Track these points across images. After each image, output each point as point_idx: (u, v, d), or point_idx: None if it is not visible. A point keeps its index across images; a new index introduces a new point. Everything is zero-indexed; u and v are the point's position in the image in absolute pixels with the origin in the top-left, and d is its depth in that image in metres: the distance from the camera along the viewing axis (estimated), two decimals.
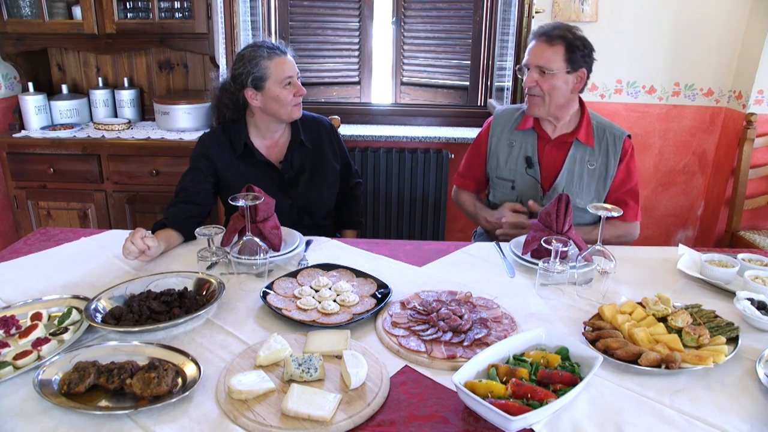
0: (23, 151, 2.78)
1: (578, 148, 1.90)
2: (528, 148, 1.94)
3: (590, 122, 1.91)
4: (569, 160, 1.90)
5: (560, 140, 1.92)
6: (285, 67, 1.85)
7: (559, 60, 1.79)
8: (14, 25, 2.80)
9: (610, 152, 1.88)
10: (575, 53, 1.79)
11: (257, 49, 1.84)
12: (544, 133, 1.93)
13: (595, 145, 1.89)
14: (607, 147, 1.89)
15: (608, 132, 1.90)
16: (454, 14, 3.11)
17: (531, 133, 1.95)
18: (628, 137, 1.91)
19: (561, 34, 1.79)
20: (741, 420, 1.03)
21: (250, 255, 1.54)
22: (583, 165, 1.90)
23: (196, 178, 1.89)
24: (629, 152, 1.90)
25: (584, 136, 1.89)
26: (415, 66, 3.22)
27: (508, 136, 1.98)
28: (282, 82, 1.83)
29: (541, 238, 1.50)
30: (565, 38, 1.79)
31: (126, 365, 1.09)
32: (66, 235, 1.83)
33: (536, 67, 1.81)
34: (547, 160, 1.93)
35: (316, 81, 3.22)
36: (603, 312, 1.33)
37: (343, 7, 3.12)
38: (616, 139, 1.89)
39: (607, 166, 1.89)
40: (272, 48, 1.85)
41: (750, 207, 2.97)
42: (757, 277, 1.48)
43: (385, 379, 1.12)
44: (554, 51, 1.79)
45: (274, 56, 1.84)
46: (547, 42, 1.80)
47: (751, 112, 2.84)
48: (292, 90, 1.86)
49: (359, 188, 2.22)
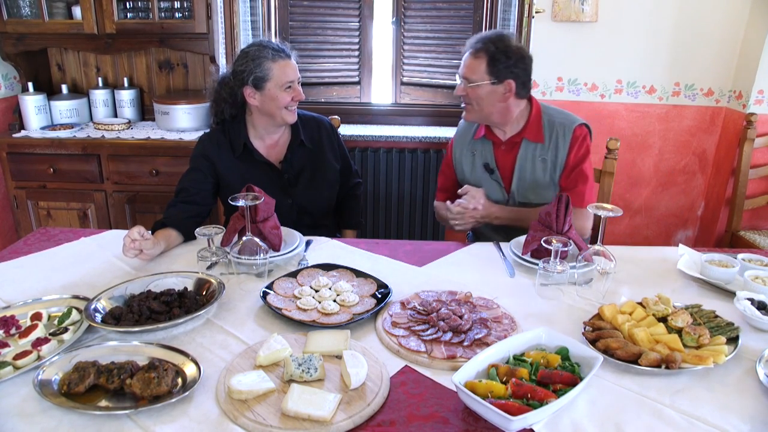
0: (23, 151, 2.78)
1: (528, 147, 1.93)
2: (486, 155, 2.00)
3: (540, 119, 1.93)
4: (520, 160, 1.94)
5: (510, 142, 1.96)
6: (288, 71, 1.84)
7: (482, 72, 1.83)
8: (14, 25, 2.80)
9: (559, 143, 1.91)
10: (497, 65, 1.82)
11: (262, 49, 1.84)
12: (496, 138, 1.98)
13: (545, 140, 1.92)
14: (557, 139, 1.91)
15: (558, 124, 1.92)
16: (454, 14, 3.11)
17: (486, 141, 2.00)
18: (581, 126, 1.91)
19: (484, 46, 1.83)
20: (741, 420, 1.03)
21: (250, 255, 1.54)
22: (535, 161, 1.93)
23: (195, 178, 1.89)
24: (579, 139, 1.90)
25: (532, 134, 1.92)
26: (415, 66, 3.22)
27: (469, 147, 2.04)
28: (283, 86, 1.83)
29: (541, 238, 1.50)
30: (487, 51, 1.82)
31: (126, 365, 1.09)
32: (66, 235, 1.83)
33: (464, 77, 1.88)
34: (503, 164, 1.98)
35: (316, 81, 3.22)
36: (603, 312, 1.33)
37: (343, 7, 3.12)
38: (565, 129, 1.91)
39: (557, 157, 1.91)
40: (277, 50, 1.85)
41: (750, 207, 2.97)
42: (757, 277, 1.48)
43: (385, 379, 1.12)
44: (478, 63, 1.83)
45: (279, 59, 1.83)
46: (472, 54, 1.86)
47: (752, 112, 2.84)
48: (291, 94, 1.86)
49: (359, 188, 2.22)
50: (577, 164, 1.91)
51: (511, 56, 1.83)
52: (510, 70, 1.83)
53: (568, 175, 1.92)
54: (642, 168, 3.20)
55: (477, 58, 1.84)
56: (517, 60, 1.84)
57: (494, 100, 1.86)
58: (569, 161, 1.91)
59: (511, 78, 1.84)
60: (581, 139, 1.90)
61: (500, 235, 1.94)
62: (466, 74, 1.86)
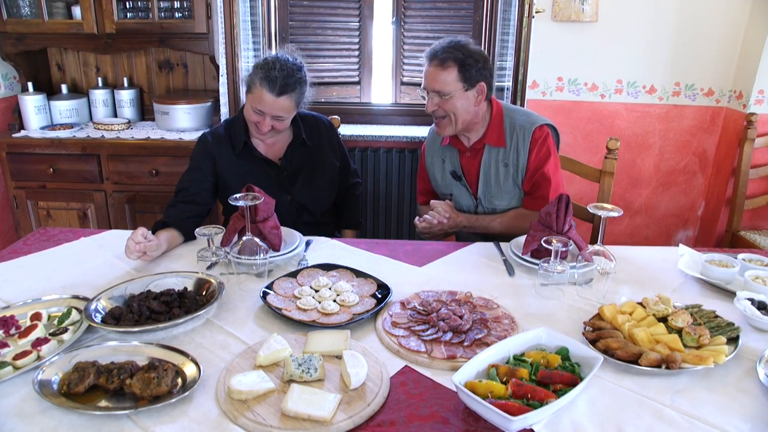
0: (23, 151, 2.78)
1: (491, 152, 1.92)
2: (454, 162, 2.00)
3: (501, 122, 1.92)
4: (483, 166, 1.94)
5: (474, 148, 1.95)
6: (263, 101, 1.77)
7: (454, 81, 1.80)
8: (14, 25, 2.80)
9: (520, 146, 1.90)
10: (469, 70, 1.80)
11: (261, 69, 1.79)
12: (461, 145, 1.98)
13: (506, 143, 1.91)
14: (518, 142, 1.90)
15: (518, 127, 1.90)
16: (454, 14, 3.11)
17: (452, 148, 2.00)
18: (542, 126, 1.89)
19: (451, 54, 1.80)
20: (741, 420, 1.03)
21: (250, 255, 1.54)
22: (498, 166, 1.92)
23: (195, 178, 1.89)
24: (539, 141, 1.88)
25: (494, 139, 1.91)
26: (415, 66, 3.22)
27: (439, 154, 2.04)
28: (254, 108, 1.81)
29: (541, 238, 1.50)
30: (455, 59, 1.79)
31: (126, 365, 1.09)
32: (66, 235, 1.82)
33: (434, 91, 1.84)
34: (468, 170, 1.98)
35: (316, 81, 3.21)
36: (603, 312, 1.33)
37: (343, 7, 3.12)
38: (525, 132, 1.89)
39: (518, 160, 1.90)
40: (273, 80, 1.77)
41: (750, 207, 2.97)
42: (757, 277, 1.48)
43: (385, 379, 1.12)
44: (448, 73, 1.80)
45: (264, 86, 1.77)
46: (439, 65, 1.81)
47: (752, 112, 2.84)
48: (257, 118, 1.81)
49: (358, 188, 2.22)
50: (539, 167, 1.89)
51: (479, 59, 1.82)
52: (480, 73, 1.82)
53: (530, 178, 1.91)
54: (642, 168, 3.20)
55: (445, 69, 1.80)
56: (484, 62, 1.83)
57: (468, 107, 1.84)
58: (530, 164, 1.89)
59: (482, 80, 1.83)
60: (541, 141, 1.88)
61: (479, 238, 1.95)
62: (437, 87, 1.82)
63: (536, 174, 1.89)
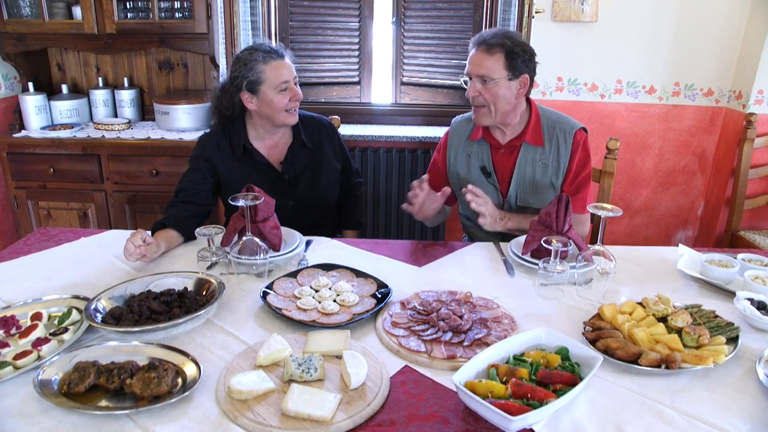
0: (23, 151, 2.78)
1: (528, 150, 1.90)
2: (483, 158, 1.96)
3: (539, 122, 1.90)
4: (519, 164, 1.91)
5: (510, 145, 1.92)
6: (281, 71, 1.82)
7: (500, 68, 1.78)
8: (14, 25, 2.80)
9: (561, 147, 1.88)
10: (515, 59, 1.78)
11: (253, 52, 1.82)
12: (495, 141, 1.94)
13: (545, 143, 1.89)
14: (558, 143, 1.88)
15: (558, 128, 1.89)
16: (454, 14, 3.11)
17: (483, 143, 1.96)
18: (581, 130, 1.89)
19: (500, 41, 1.78)
20: (741, 420, 1.03)
21: (250, 255, 1.54)
22: (535, 165, 1.90)
23: (195, 179, 1.89)
24: (581, 143, 1.88)
25: (532, 137, 1.89)
26: (415, 66, 3.22)
27: (465, 149, 1.99)
28: (277, 87, 1.81)
29: (541, 238, 1.50)
30: (504, 45, 1.78)
31: (126, 365, 1.09)
32: (66, 235, 1.83)
33: (478, 76, 1.81)
34: (501, 167, 1.94)
35: (316, 81, 3.22)
36: (603, 312, 1.33)
37: (343, 7, 3.12)
38: (566, 134, 1.88)
39: (559, 161, 1.89)
40: (269, 51, 1.82)
41: (750, 207, 2.97)
42: (757, 277, 1.48)
43: (385, 379, 1.12)
44: (494, 59, 1.78)
45: (270, 60, 1.81)
46: (486, 51, 1.79)
47: (751, 112, 2.84)
48: (288, 95, 1.83)
49: (360, 188, 2.22)
50: (581, 170, 1.89)
51: (526, 50, 1.81)
52: (526, 65, 1.80)
53: (572, 181, 1.90)
54: (642, 168, 3.20)
55: (492, 54, 1.78)
56: (530, 55, 1.82)
57: (510, 97, 1.81)
58: (572, 166, 1.88)
59: (526, 73, 1.81)
60: (582, 144, 1.88)
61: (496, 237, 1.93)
62: (482, 72, 1.79)
63: (579, 176, 1.89)
